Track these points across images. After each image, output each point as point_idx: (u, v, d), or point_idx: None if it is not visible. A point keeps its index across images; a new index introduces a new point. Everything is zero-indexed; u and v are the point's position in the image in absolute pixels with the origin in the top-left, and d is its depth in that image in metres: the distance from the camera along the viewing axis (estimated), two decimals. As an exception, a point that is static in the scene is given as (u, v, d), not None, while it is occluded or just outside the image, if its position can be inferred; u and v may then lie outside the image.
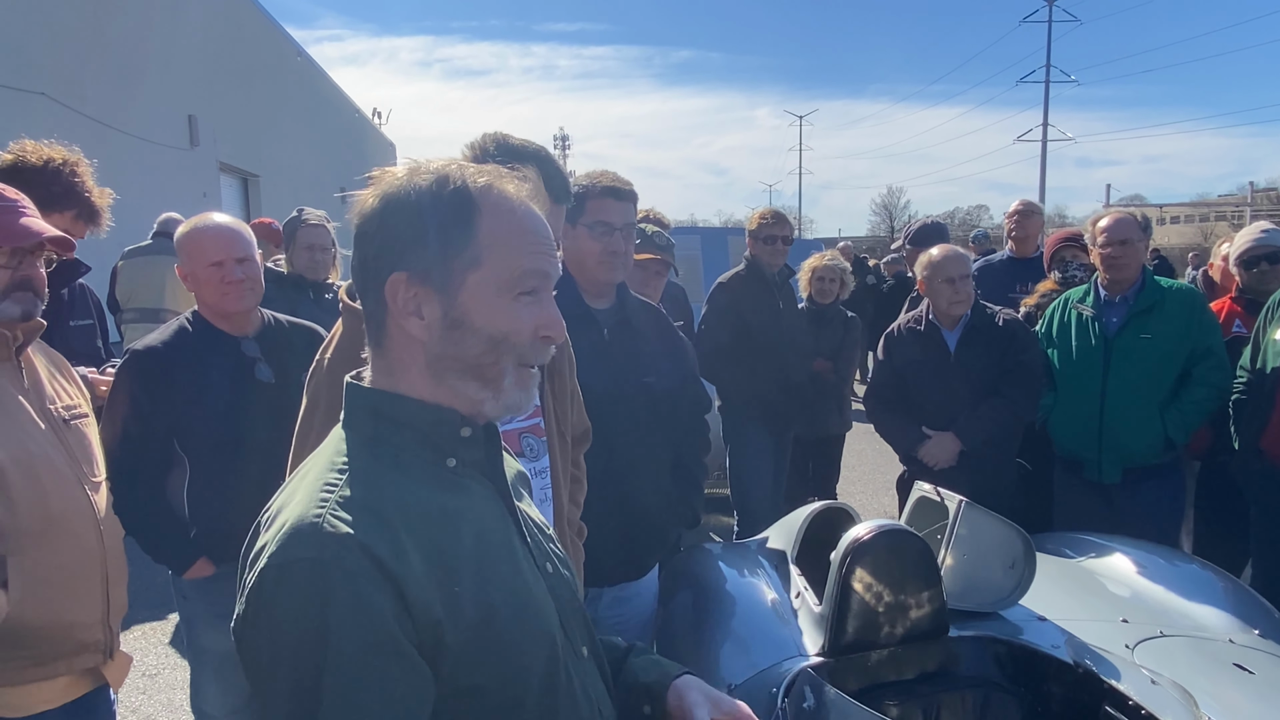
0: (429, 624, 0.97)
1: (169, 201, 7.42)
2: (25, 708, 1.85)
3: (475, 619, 1.00)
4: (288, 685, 0.93)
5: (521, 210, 1.10)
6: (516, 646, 1.04)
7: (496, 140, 1.86)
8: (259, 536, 1.02)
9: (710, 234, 8.92)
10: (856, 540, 2.09)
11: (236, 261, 2.55)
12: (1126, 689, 1.95)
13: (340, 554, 0.93)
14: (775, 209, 4.89)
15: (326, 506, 0.97)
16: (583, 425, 2.15)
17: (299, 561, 0.93)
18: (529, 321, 1.08)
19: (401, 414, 1.08)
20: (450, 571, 1.00)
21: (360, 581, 0.93)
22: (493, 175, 1.10)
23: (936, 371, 3.73)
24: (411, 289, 1.05)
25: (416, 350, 1.08)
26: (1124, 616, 2.42)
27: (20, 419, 1.87)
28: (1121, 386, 3.55)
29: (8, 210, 1.90)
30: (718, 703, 1.21)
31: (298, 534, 0.95)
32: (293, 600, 0.92)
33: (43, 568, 1.82)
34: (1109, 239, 3.61)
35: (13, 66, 8.56)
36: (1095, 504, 3.64)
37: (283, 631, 0.93)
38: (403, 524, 0.98)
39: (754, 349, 4.54)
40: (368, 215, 1.08)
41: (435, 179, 1.07)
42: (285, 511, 1.00)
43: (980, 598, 2.32)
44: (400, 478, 1.04)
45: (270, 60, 17.39)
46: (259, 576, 0.95)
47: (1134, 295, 3.61)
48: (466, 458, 1.11)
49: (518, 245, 1.08)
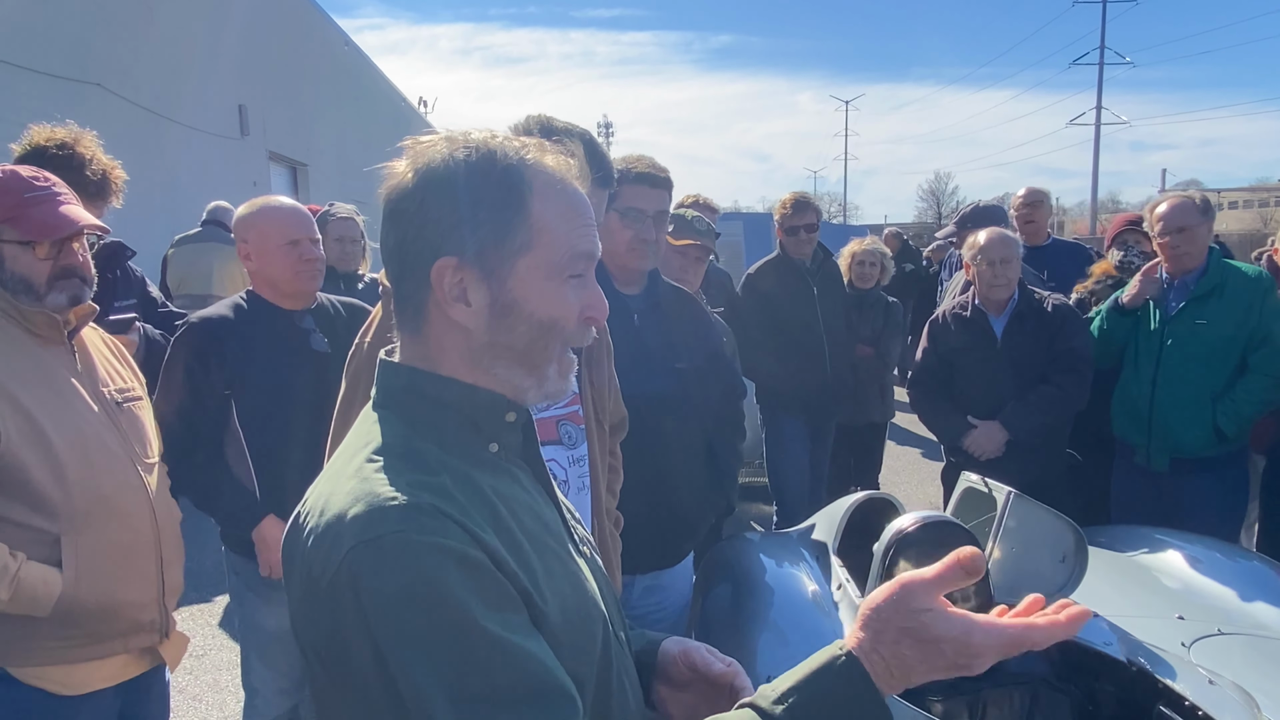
0: (524, 593, 0.92)
1: (220, 190, 7.56)
2: (80, 686, 1.88)
3: (552, 603, 0.96)
4: (425, 654, 0.85)
5: (570, 189, 1.04)
6: (582, 631, 1.01)
7: (540, 122, 1.83)
8: (308, 526, 0.95)
9: (754, 219, 8.83)
10: (901, 531, 2.05)
11: (311, 240, 2.61)
12: (1183, 689, 1.89)
13: (431, 522, 0.88)
14: (799, 195, 4.67)
15: (394, 485, 0.91)
16: (620, 414, 2.13)
17: (390, 534, 0.87)
18: (576, 305, 1.04)
19: (445, 395, 1.02)
20: (521, 551, 0.95)
21: (459, 545, 0.88)
22: (537, 149, 1.04)
23: (982, 358, 3.65)
24: (458, 274, 0.99)
25: (459, 337, 1.02)
26: (1180, 613, 2.35)
27: (73, 401, 1.90)
28: (1173, 373, 3.44)
29: (46, 199, 1.92)
30: (715, 654, 1.18)
31: (376, 512, 0.89)
32: (400, 570, 0.86)
33: (96, 547, 1.85)
34: (1165, 227, 3.48)
35: (70, 58, 8.77)
36: (1146, 491, 3.55)
37: (400, 602, 0.85)
38: (470, 503, 0.94)
39: (787, 339, 4.47)
40: (405, 192, 1.00)
41: (481, 155, 1.00)
42: (342, 495, 0.93)
43: (1029, 591, 2.23)
44: (451, 460, 0.99)
45: (318, 50, 17.60)
46: (346, 561, 0.87)
47: (1195, 279, 3.47)
48: (507, 443, 1.07)
49: (569, 227, 1.03)
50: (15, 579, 1.72)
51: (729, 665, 1.16)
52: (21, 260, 1.87)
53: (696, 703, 1.17)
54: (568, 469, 1.91)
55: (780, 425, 4.64)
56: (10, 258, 1.86)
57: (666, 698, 1.20)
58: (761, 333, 4.45)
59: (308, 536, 0.94)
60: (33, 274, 1.87)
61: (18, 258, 1.87)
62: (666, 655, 1.20)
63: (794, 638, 2.30)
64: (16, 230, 1.86)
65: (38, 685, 1.82)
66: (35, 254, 1.87)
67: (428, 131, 1.11)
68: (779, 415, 4.64)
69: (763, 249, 6.26)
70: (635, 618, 2.18)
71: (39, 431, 1.79)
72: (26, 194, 1.89)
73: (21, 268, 1.87)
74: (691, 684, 1.18)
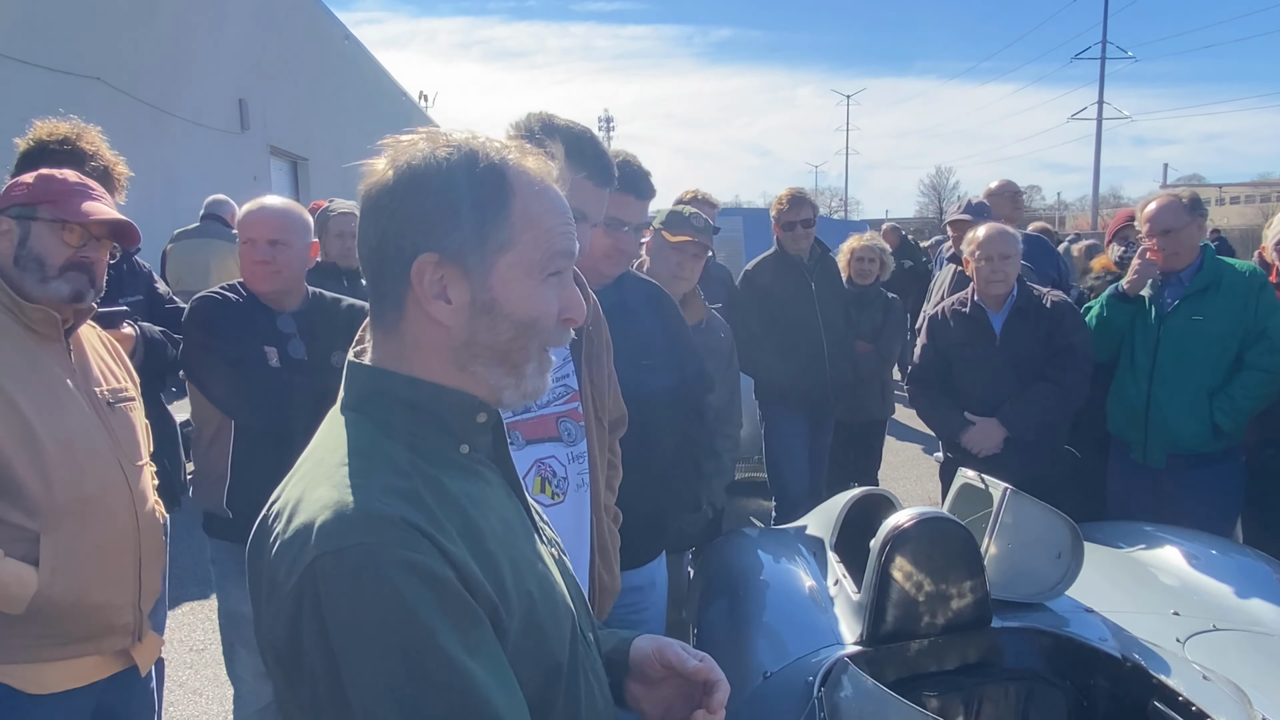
0: (489, 606, 0.93)
1: (220, 185, 7.55)
2: (50, 685, 1.86)
3: (520, 607, 0.97)
4: (381, 672, 0.85)
5: (550, 190, 1.06)
6: (551, 635, 1.02)
7: (542, 120, 1.83)
8: (275, 529, 0.95)
9: (753, 215, 8.79)
10: (897, 528, 2.06)
11: (267, 243, 2.59)
12: (1177, 684, 1.90)
13: (398, 535, 0.88)
14: (795, 191, 4.65)
15: (364, 492, 0.92)
16: (619, 411, 2.12)
17: (355, 547, 0.87)
18: (555, 304, 1.05)
19: (415, 396, 1.02)
20: (490, 557, 0.96)
21: (425, 559, 0.88)
22: (518, 150, 1.05)
23: (981, 355, 3.65)
24: (439, 271, 0.99)
25: (438, 335, 1.02)
26: (1175, 609, 2.35)
27: (64, 399, 1.90)
28: (1168, 370, 3.45)
29: (96, 197, 1.97)
30: (689, 650, 1.18)
31: (343, 521, 0.88)
32: (361, 585, 0.86)
33: (75, 547, 1.84)
34: (1152, 228, 3.50)
35: (70, 52, 8.76)
36: (1142, 488, 3.56)
37: (360, 618, 0.85)
38: (440, 509, 0.94)
39: (785, 335, 4.46)
40: (386, 189, 1.00)
41: (464, 154, 1.01)
42: (311, 501, 0.93)
43: (1025, 588, 2.27)
44: (422, 463, 0.99)
45: (318, 44, 17.58)
46: (310, 571, 0.87)
47: (1190, 276, 3.48)
48: (478, 444, 1.08)
49: (549, 226, 1.04)
50: None
51: (702, 660, 1.17)
52: (45, 239, 1.89)
53: (671, 699, 1.18)
54: (567, 466, 1.91)
55: (779, 421, 4.64)
56: (36, 236, 1.89)
57: (640, 695, 1.20)
58: (760, 328, 4.45)
59: (274, 541, 0.94)
60: (50, 255, 1.89)
61: (43, 236, 1.90)
62: (640, 653, 1.20)
63: (790, 632, 2.31)
64: (55, 210, 1.91)
65: (6, 682, 1.80)
66: (64, 237, 1.91)
67: (428, 126, 1.11)
68: (778, 411, 4.64)
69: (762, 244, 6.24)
70: (610, 618, 2.16)
71: (28, 429, 1.79)
72: (75, 184, 1.96)
73: (42, 246, 1.89)
74: (665, 680, 1.19)
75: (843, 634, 2.16)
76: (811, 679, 1.96)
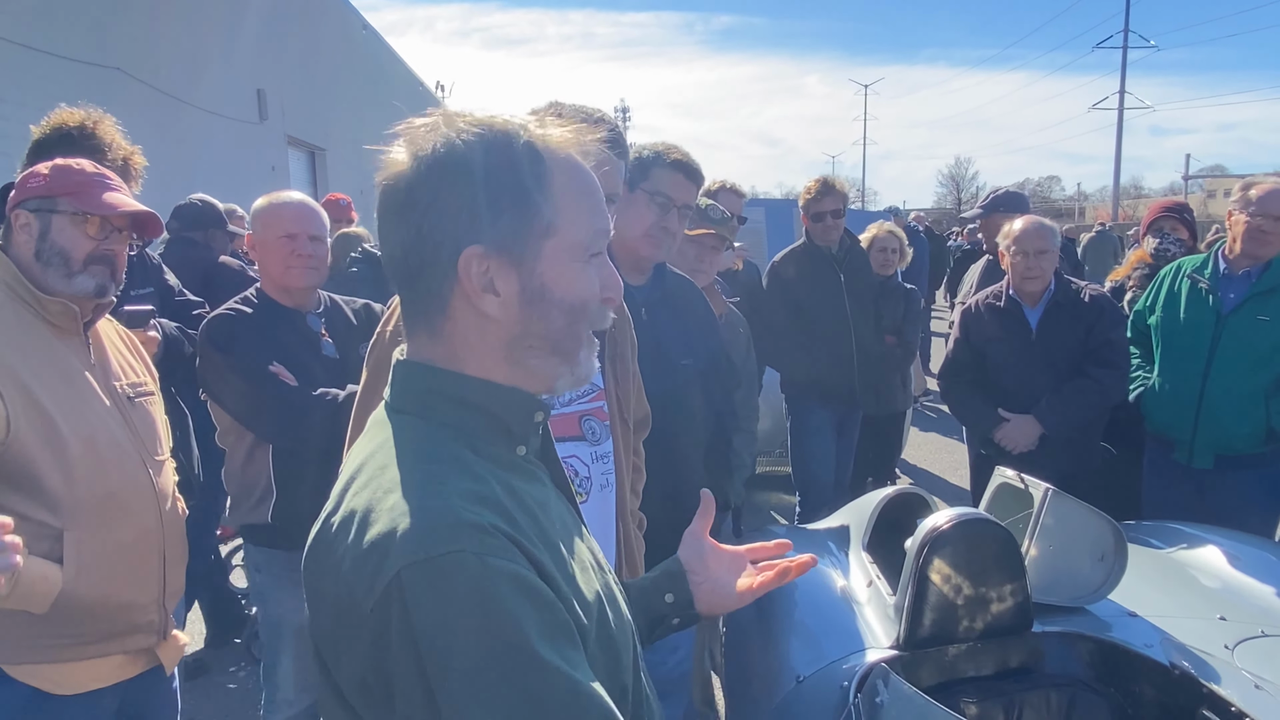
0: (575, 618, 0.87)
1: (238, 175, 7.56)
2: (75, 685, 1.83)
3: (594, 619, 0.92)
4: (484, 693, 0.78)
5: (581, 165, 1.00)
6: (619, 639, 0.98)
7: (559, 109, 1.80)
8: (340, 543, 0.88)
9: (775, 206, 8.69)
10: (935, 529, 2.00)
11: (309, 238, 2.58)
12: (1227, 693, 1.84)
13: (491, 542, 0.82)
14: (824, 179, 4.52)
15: (443, 497, 0.85)
16: (643, 410, 2.06)
17: (446, 556, 0.80)
18: (599, 284, 1.00)
19: (473, 396, 0.97)
20: (565, 565, 0.91)
21: (521, 568, 0.83)
22: (542, 125, 0.99)
23: (1017, 350, 3.56)
24: (484, 263, 0.93)
25: (490, 331, 0.96)
26: (1222, 614, 2.27)
27: (85, 394, 1.86)
28: (1227, 369, 3.31)
29: (115, 188, 1.93)
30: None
31: (428, 529, 0.82)
32: (457, 596, 0.79)
33: (99, 545, 1.81)
34: (1263, 210, 3.24)
35: (91, 42, 8.78)
36: (1184, 489, 3.45)
37: (458, 631, 0.78)
38: (519, 514, 0.89)
39: (813, 328, 4.38)
40: (416, 180, 0.94)
41: (494, 135, 0.95)
42: (384, 510, 0.86)
43: (1067, 591, 2.20)
44: (492, 466, 0.94)
45: (336, 34, 17.59)
46: (395, 583, 0.80)
47: (1259, 273, 3.32)
48: (533, 444, 1.03)
49: (588, 204, 0.98)
50: (15, 573, 1.66)
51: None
52: (67, 233, 1.86)
53: (720, 575, 1.33)
54: (590, 466, 1.85)
55: (806, 416, 4.56)
56: (58, 229, 1.86)
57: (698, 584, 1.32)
58: (787, 322, 4.37)
59: (342, 557, 0.87)
60: (74, 248, 1.86)
61: (65, 229, 1.86)
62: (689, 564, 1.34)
63: (824, 635, 2.25)
64: (75, 202, 1.87)
65: (30, 683, 1.77)
66: (85, 230, 1.87)
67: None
68: (805, 405, 4.56)
69: (784, 237, 6.16)
70: None
71: (50, 424, 1.75)
72: (94, 175, 1.92)
73: (65, 240, 1.86)
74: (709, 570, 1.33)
75: (877, 637, 2.10)
76: (847, 684, 1.91)
